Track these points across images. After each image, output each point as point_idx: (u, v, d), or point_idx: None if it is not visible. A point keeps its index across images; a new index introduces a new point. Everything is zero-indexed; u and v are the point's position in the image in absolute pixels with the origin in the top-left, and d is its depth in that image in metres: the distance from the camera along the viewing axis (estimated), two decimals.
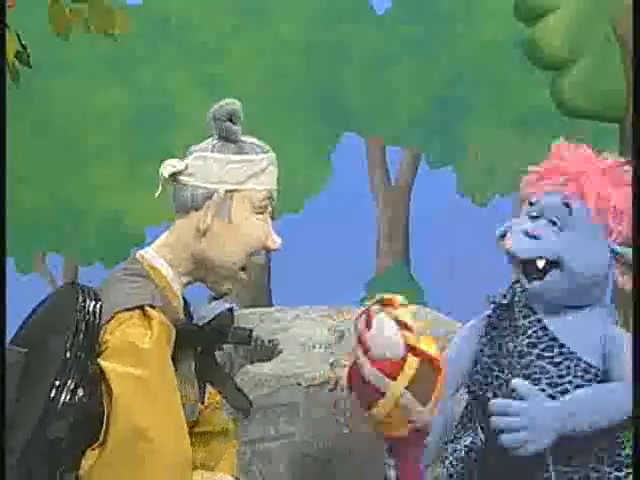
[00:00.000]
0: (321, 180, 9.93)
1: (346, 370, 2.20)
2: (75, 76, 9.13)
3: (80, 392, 2.02)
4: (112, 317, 2.07)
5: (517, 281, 2.49)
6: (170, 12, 9.59)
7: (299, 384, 3.10)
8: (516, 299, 2.46)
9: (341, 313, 3.59)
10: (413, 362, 2.15)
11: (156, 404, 2.03)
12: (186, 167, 2.21)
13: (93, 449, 2.00)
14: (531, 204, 2.39)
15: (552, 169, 2.41)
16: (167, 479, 2.02)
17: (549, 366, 2.35)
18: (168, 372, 2.07)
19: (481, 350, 2.44)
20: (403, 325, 2.17)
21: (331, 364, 3.19)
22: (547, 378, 2.34)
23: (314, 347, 3.35)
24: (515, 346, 2.38)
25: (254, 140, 2.28)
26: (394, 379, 2.14)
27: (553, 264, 2.34)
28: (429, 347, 2.19)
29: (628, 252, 2.36)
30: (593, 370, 2.34)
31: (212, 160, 2.21)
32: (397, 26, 9.78)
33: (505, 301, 2.47)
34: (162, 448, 2.01)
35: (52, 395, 2.01)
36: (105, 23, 4.85)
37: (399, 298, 2.22)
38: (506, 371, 2.38)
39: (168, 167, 2.21)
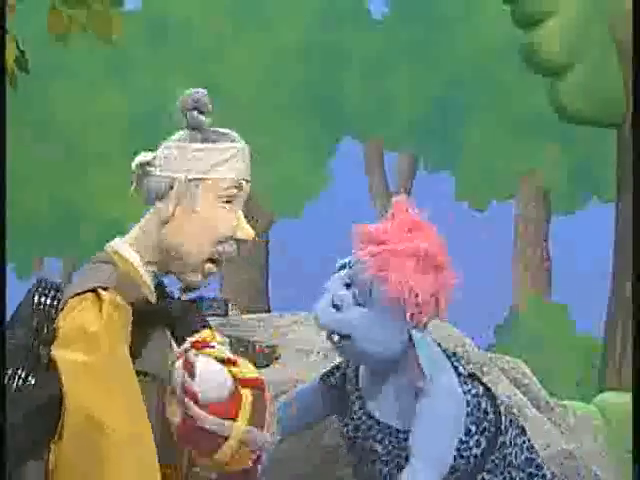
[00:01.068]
0: (320, 184, 9.93)
1: (177, 423, 2.13)
2: (74, 81, 9.13)
3: (32, 380, 2.04)
4: (66, 304, 2.08)
5: (348, 361, 2.49)
6: (169, 17, 9.60)
7: None
8: (346, 377, 2.47)
9: None
10: (247, 395, 2.12)
11: (107, 388, 2.03)
12: (153, 158, 2.21)
13: (55, 442, 2.00)
14: (349, 265, 2.38)
15: (371, 236, 2.37)
16: (125, 464, 2.02)
17: (375, 445, 2.35)
18: (119, 353, 2.06)
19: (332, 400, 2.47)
20: (224, 361, 2.12)
21: None
22: (378, 458, 2.35)
23: (312, 353, 3.35)
24: (347, 430, 2.39)
25: (225, 130, 2.25)
26: (234, 419, 2.12)
27: (347, 337, 2.34)
28: (249, 370, 2.14)
29: (420, 340, 2.32)
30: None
31: (176, 149, 2.21)
32: (396, 31, 9.79)
33: (335, 381, 2.48)
34: (116, 433, 2.01)
35: (5, 382, 2.03)
36: (103, 28, 4.86)
37: (207, 334, 2.16)
38: (350, 452, 2.41)
39: (136, 159, 2.21)
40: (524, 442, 2.42)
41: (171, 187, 2.21)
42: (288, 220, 9.94)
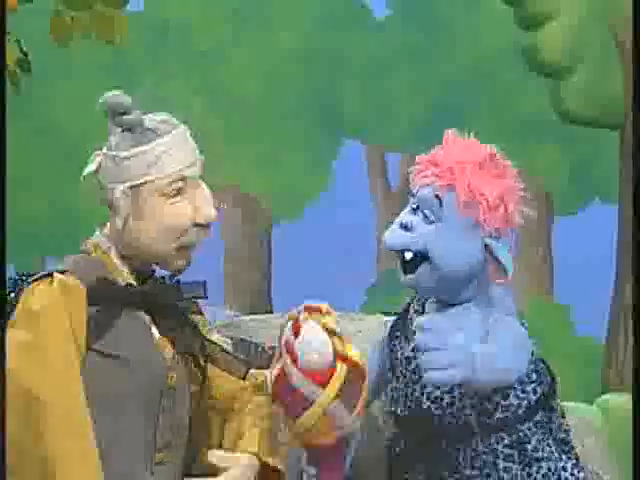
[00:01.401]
0: (321, 187, 9.93)
1: (270, 379, 2.16)
2: (75, 83, 9.14)
3: None
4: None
5: (414, 297, 2.48)
6: (170, 20, 9.61)
7: None
8: (411, 307, 2.46)
9: (342, 320, 3.59)
10: (342, 370, 2.14)
11: (43, 364, 2.07)
12: (98, 166, 2.23)
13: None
14: (412, 195, 2.39)
15: (429, 160, 2.40)
16: (62, 437, 2.05)
17: None
18: (59, 330, 2.10)
19: (385, 362, 2.44)
20: (331, 332, 2.16)
21: None
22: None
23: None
24: (402, 353, 2.38)
25: (156, 122, 2.23)
26: (323, 387, 2.13)
27: (423, 257, 2.33)
28: (354, 353, 2.18)
29: (496, 245, 2.33)
30: None
31: (109, 159, 2.23)
32: (397, 34, 9.80)
33: (400, 310, 2.47)
34: (53, 407, 2.05)
35: None
36: (106, 31, 4.86)
37: (325, 305, 2.20)
38: (401, 379, 2.38)
39: (88, 167, 2.24)
40: (563, 424, 2.42)
41: (115, 198, 2.23)
42: (290, 221, 9.94)
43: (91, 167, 2.26)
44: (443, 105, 9.71)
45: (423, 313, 2.41)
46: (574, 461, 2.41)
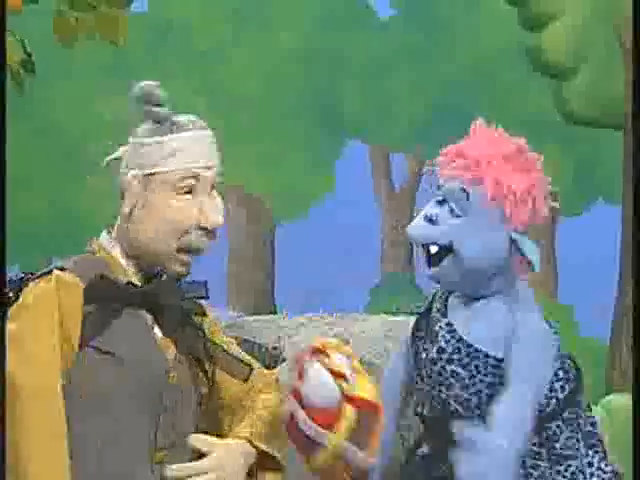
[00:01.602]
0: (325, 187, 9.93)
1: (285, 419, 2.16)
2: (77, 84, 9.14)
3: None
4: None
5: (436, 292, 2.46)
6: (172, 20, 9.61)
7: None
8: (433, 306, 2.44)
9: (345, 320, 3.59)
10: (350, 412, 2.13)
11: (25, 352, 2.11)
12: (122, 154, 2.25)
13: None
14: (438, 187, 2.36)
15: (457, 152, 2.38)
16: (33, 421, 2.08)
17: (459, 369, 2.33)
18: (42, 321, 2.14)
19: (411, 364, 2.43)
20: (337, 374, 2.14)
21: None
22: (459, 381, 2.32)
23: None
24: (427, 354, 2.36)
25: (185, 119, 2.24)
26: (331, 430, 2.13)
27: (448, 251, 2.31)
28: (364, 391, 2.16)
29: (523, 239, 2.32)
30: (502, 365, 2.31)
31: (131, 146, 2.23)
32: (398, 34, 9.79)
33: (422, 310, 2.44)
34: (24, 392, 2.09)
35: None
36: (110, 31, 4.86)
37: (331, 343, 2.17)
38: (426, 380, 2.36)
39: (111, 155, 2.25)
40: (590, 417, 2.42)
41: (127, 183, 2.24)
42: (293, 222, 9.94)
43: (116, 154, 2.27)
44: (444, 105, 9.71)
45: (446, 312, 2.39)
46: (601, 454, 2.41)
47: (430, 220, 2.33)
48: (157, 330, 2.21)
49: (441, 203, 2.35)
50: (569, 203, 10.22)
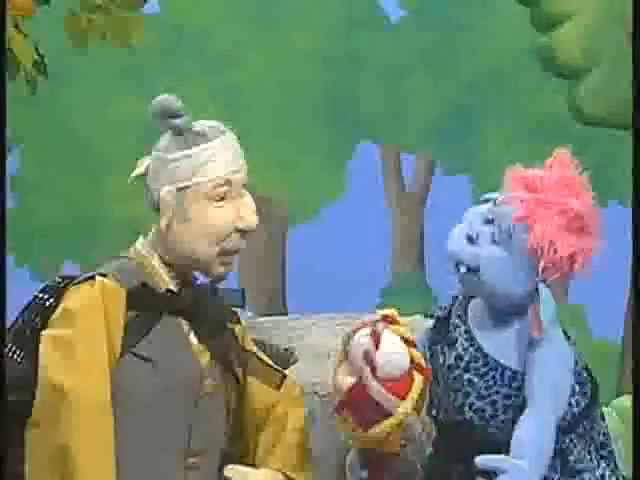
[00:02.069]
0: (336, 188, 9.93)
1: (346, 388, 2.16)
2: (91, 86, 9.16)
3: (17, 357, 2.17)
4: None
5: (456, 296, 2.46)
6: (186, 22, 9.62)
7: (315, 393, 3.09)
8: (453, 311, 2.44)
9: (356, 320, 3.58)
10: (420, 382, 2.15)
11: (74, 358, 2.11)
12: (147, 169, 2.26)
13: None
14: (495, 203, 2.34)
15: (525, 180, 2.35)
16: (84, 427, 2.09)
17: (475, 378, 2.33)
18: (92, 329, 2.14)
19: None
20: (408, 342, 2.16)
21: None
22: (475, 390, 2.33)
23: (330, 356, 3.34)
24: (444, 360, 2.37)
25: (206, 127, 2.26)
26: (401, 399, 2.13)
27: (476, 271, 2.30)
28: (422, 360, 2.20)
29: (546, 296, 2.31)
30: (519, 377, 2.32)
31: (158, 161, 2.25)
32: (412, 35, 9.79)
33: (442, 314, 2.44)
34: (77, 399, 2.09)
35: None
36: (122, 33, 4.87)
37: (396, 312, 2.20)
38: (442, 385, 2.37)
39: (136, 170, 2.27)
40: (603, 427, 2.42)
41: (161, 199, 2.25)
42: (305, 222, 9.95)
43: (139, 169, 2.29)
44: (459, 106, 9.70)
45: (466, 319, 2.39)
46: (612, 466, 2.41)
47: (470, 239, 2.33)
48: (193, 337, 2.24)
49: (488, 222, 2.34)
50: None
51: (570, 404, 2.32)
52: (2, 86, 2.40)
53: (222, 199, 2.21)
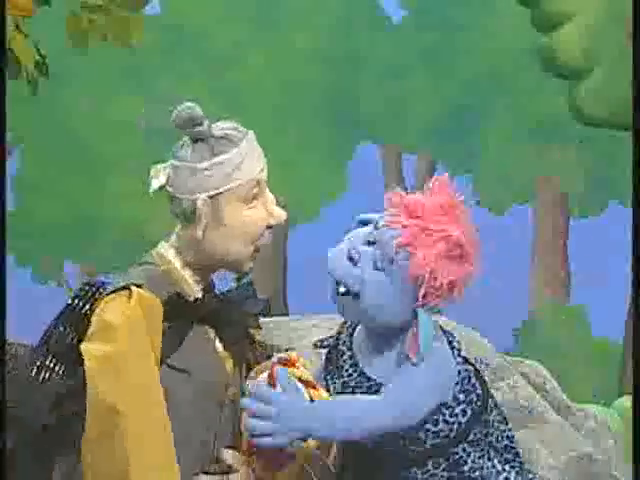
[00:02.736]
0: (337, 188, 9.94)
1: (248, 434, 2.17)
2: (92, 86, 9.16)
3: (59, 370, 2.13)
4: (101, 302, 2.16)
5: (344, 322, 2.48)
6: (186, 22, 9.63)
7: None
8: (340, 338, 2.46)
9: None
10: None
11: (125, 377, 2.11)
12: (168, 178, 2.25)
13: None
14: (375, 227, 2.35)
15: (406, 205, 2.34)
16: (141, 448, 2.09)
17: None
18: (139, 344, 2.13)
19: None
20: (307, 383, 2.18)
21: None
22: None
23: None
24: (335, 389, 2.38)
25: (227, 131, 2.26)
26: (304, 440, 2.16)
27: (355, 295, 2.32)
28: (327, 398, 2.23)
29: (423, 320, 2.31)
30: None
31: (186, 170, 2.24)
32: (412, 35, 9.79)
33: (332, 342, 2.46)
34: (132, 419, 2.09)
35: (33, 373, 2.13)
36: (123, 33, 4.87)
37: (295, 355, 2.21)
38: None
39: (153, 181, 2.25)
40: (505, 431, 2.42)
41: (194, 209, 2.25)
42: (306, 223, 9.95)
43: (160, 180, 2.28)
44: (459, 106, 9.70)
45: (351, 345, 2.41)
46: (517, 469, 2.41)
47: (351, 259, 2.33)
48: (218, 344, 2.25)
49: (370, 244, 2.35)
50: (582, 204, 10.20)
51: (455, 414, 2.32)
52: (2, 84, 2.39)
53: (253, 199, 2.23)
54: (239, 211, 2.25)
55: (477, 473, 2.35)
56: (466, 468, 2.33)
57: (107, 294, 2.18)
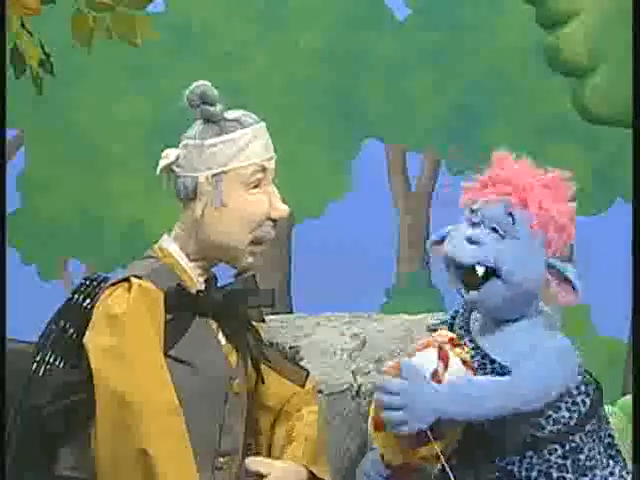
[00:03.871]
0: (341, 186, 9.93)
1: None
2: (98, 85, 9.16)
3: (60, 365, 2.10)
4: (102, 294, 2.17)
5: (456, 311, 2.50)
6: (191, 21, 9.63)
7: (320, 392, 3.10)
8: (456, 322, 2.47)
9: (363, 320, 3.59)
10: None
11: (131, 367, 2.12)
12: (177, 158, 2.26)
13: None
14: (472, 211, 2.40)
15: (495, 178, 2.42)
16: (153, 435, 2.10)
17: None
18: (143, 334, 2.15)
19: None
20: (468, 365, 2.22)
21: (353, 371, 3.19)
22: None
23: (335, 354, 3.35)
24: None
25: (238, 115, 2.28)
26: None
27: (492, 273, 2.35)
28: None
29: (562, 265, 2.37)
30: None
31: (193, 147, 2.26)
32: (417, 33, 9.79)
33: (443, 326, 2.47)
34: (142, 408, 2.10)
35: (34, 368, 2.11)
36: (128, 32, 4.88)
37: (455, 336, 2.25)
38: None
39: (162, 161, 2.27)
40: (608, 429, 2.47)
41: (196, 186, 2.25)
42: (310, 221, 9.95)
43: (170, 158, 2.30)
44: (464, 105, 9.69)
45: (468, 330, 2.43)
46: (621, 464, 2.45)
47: (473, 242, 2.37)
48: (221, 336, 2.26)
49: (475, 226, 2.39)
50: (588, 203, 10.19)
51: (577, 403, 2.36)
52: (2, 84, 2.40)
53: (256, 187, 2.24)
54: (240, 194, 2.26)
55: (591, 462, 2.38)
56: (582, 457, 2.36)
57: (107, 287, 2.19)
